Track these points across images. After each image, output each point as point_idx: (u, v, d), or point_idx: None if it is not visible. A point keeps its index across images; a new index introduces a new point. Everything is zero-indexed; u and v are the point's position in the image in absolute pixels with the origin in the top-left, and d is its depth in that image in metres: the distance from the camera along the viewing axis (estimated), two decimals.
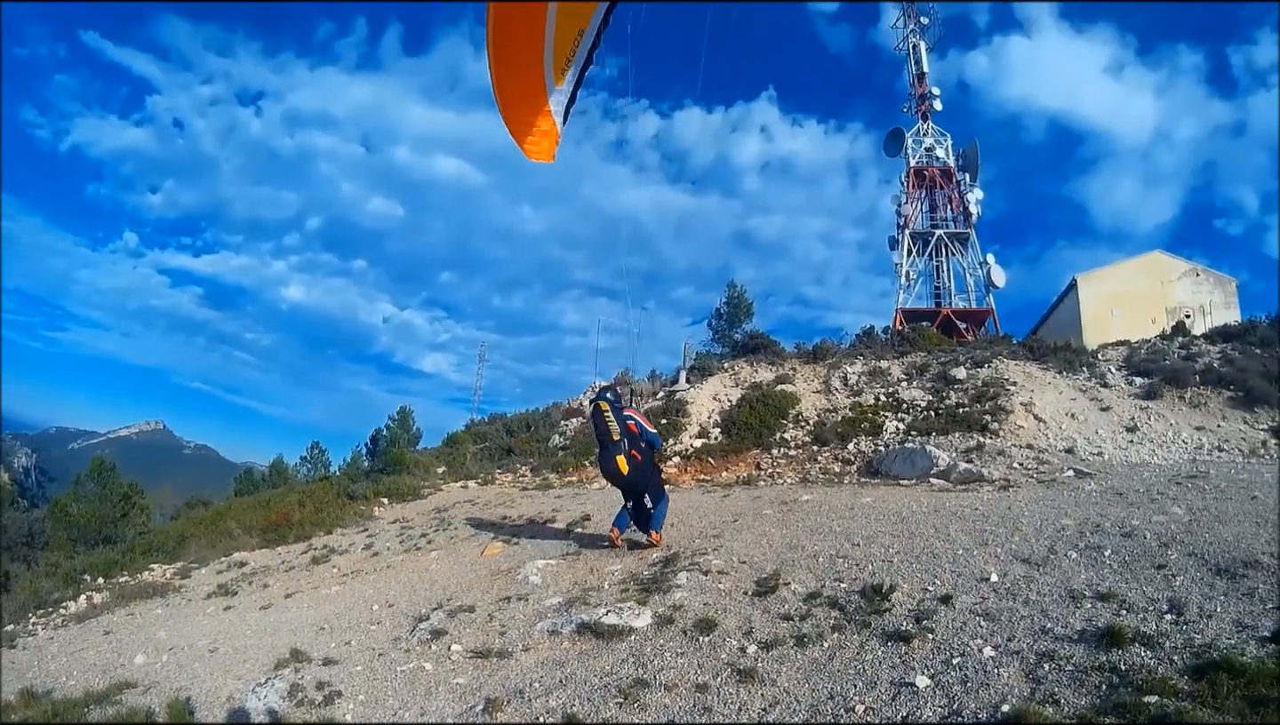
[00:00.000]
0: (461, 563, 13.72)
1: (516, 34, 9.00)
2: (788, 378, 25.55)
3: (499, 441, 30.18)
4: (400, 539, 17.18)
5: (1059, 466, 15.99)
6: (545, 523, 16.15)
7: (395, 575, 13.61)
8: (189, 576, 16.85)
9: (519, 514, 17.70)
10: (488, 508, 19.17)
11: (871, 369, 24.80)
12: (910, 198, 56.28)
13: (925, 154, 56.89)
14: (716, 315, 37.05)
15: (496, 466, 26.80)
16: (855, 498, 14.06)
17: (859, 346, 28.98)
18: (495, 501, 20.25)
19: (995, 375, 21.87)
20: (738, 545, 10.89)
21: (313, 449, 37.39)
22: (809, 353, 27.91)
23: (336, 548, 17.37)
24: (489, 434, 32.19)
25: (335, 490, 23.90)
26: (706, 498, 16.96)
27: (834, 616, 7.48)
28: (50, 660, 10.52)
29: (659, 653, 7.37)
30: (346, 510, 21.31)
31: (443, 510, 20.03)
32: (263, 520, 20.81)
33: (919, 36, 58.89)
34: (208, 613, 13.07)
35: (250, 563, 17.24)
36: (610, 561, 11.51)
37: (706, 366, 29.16)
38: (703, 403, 25.90)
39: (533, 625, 9.01)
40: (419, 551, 15.54)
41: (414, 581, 12.82)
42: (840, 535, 10.56)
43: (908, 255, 54.80)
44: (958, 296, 54.68)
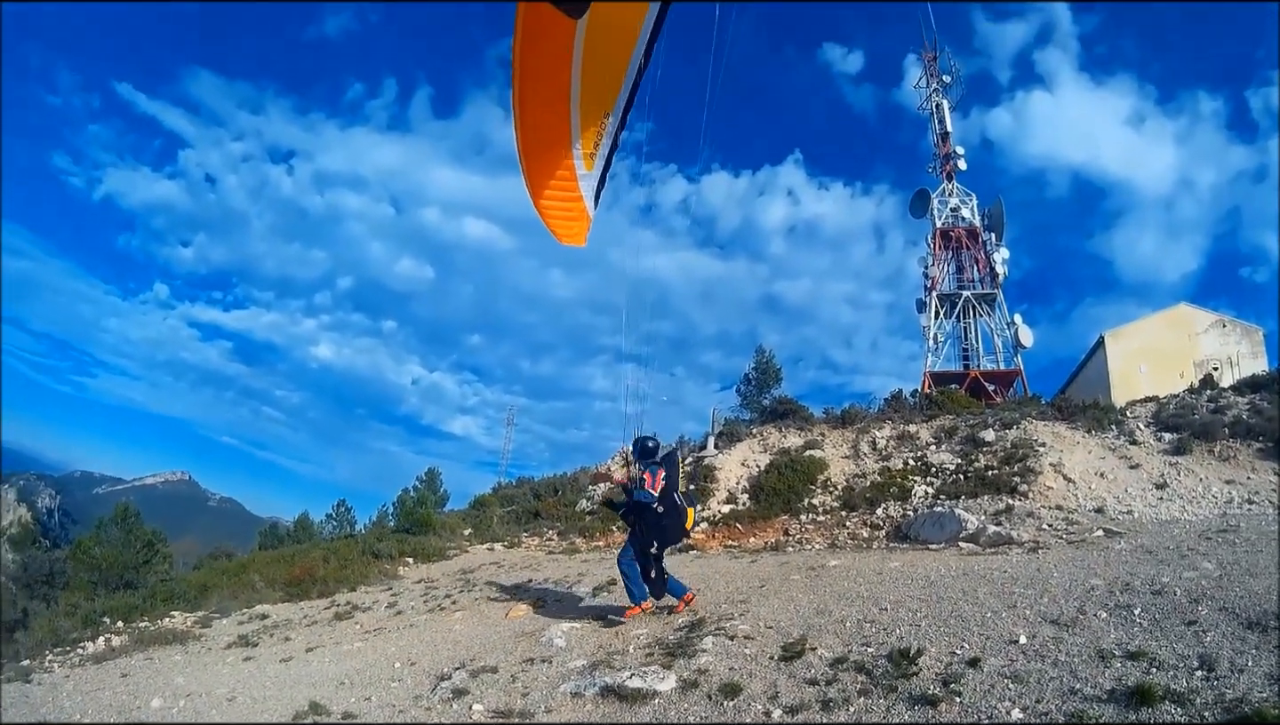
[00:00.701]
0: (486, 624, 13.90)
1: (543, 121, 9.38)
2: (816, 443, 25.67)
3: (526, 505, 30.46)
4: (424, 598, 17.40)
5: (1089, 526, 16.01)
6: (571, 586, 16.30)
7: (418, 634, 13.80)
8: (210, 625, 17.11)
9: (544, 577, 17.88)
10: (513, 570, 19.37)
11: (900, 433, 24.89)
12: (937, 259, 56.37)
13: (951, 214, 57.03)
14: (745, 380, 37.22)
15: (523, 529, 27.08)
16: (883, 563, 14.11)
17: (887, 411, 29.05)
18: (521, 564, 20.46)
19: (1024, 436, 21.91)
20: (765, 610, 10.98)
21: (338, 507, 37.84)
22: (837, 418, 28.01)
23: (360, 604, 17.61)
24: (516, 497, 32.52)
25: (360, 548, 24.21)
26: (734, 563, 17.09)
27: (861, 681, 7.55)
28: (65, 698, 10.81)
29: (683, 716, 7.47)
30: (371, 568, 21.60)
31: (468, 572, 20.25)
32: (286, 574, 21.07)
33: (941, 95, 59.28)
34: (227, 662, 13.31)
35: (272, 615, 17.50)
36: (636, 626, 11.61)
37: (735, 432, 29.32)
38: (731, 468, 26.05)
39: (556, 687, 9.08)
40: (443, 611, 15.74)
41: (437, 641, 12.98)
42: (868, 600, 10.64)
43: (935, 317, 54.81)
44: (985, 358, 54.65)
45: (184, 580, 23.22)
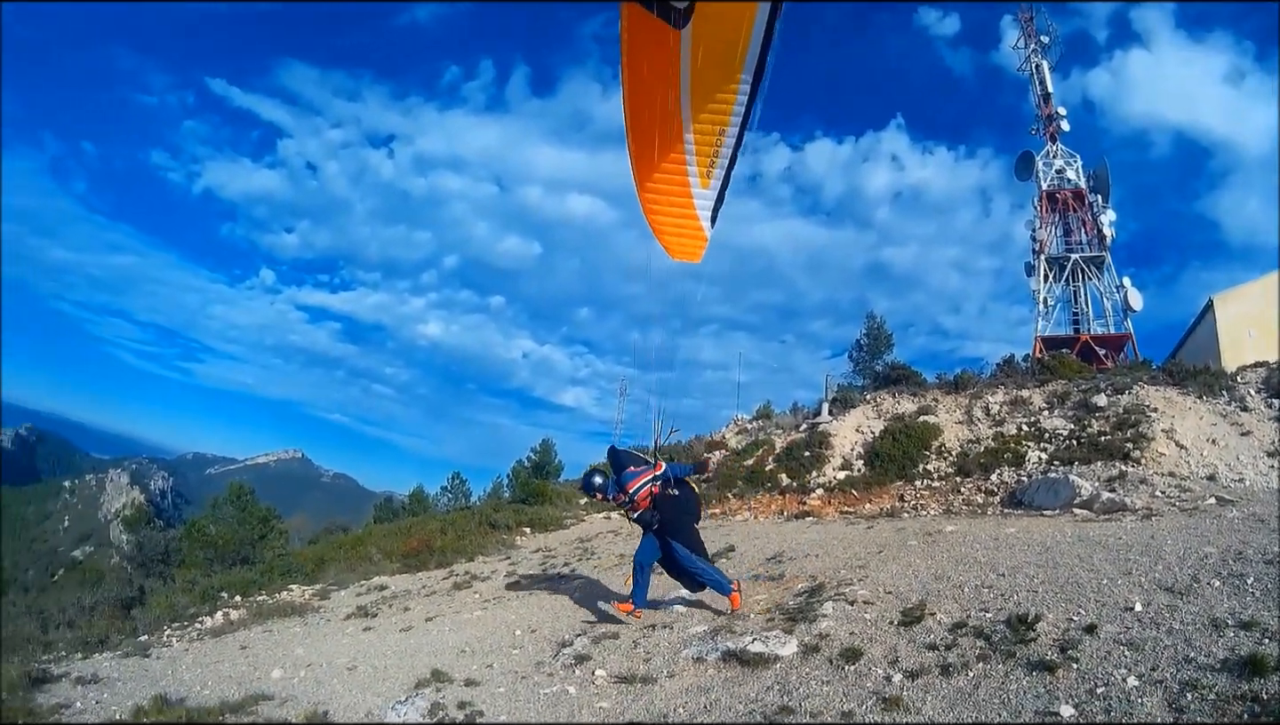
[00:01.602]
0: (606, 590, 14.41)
1: (659, 138, 9.61)
2: (930, 409, 25.71)
3: None
4: (543, 567, 18.06)
5: (1201, 494, 15.89)
6: None
7: (537, 601, 14.37)
8: (328, 598, 17.88)
9: None
10: (631, 538, 19.74)
11: (1013, 398, 24.76)
12: (1044, 222, 55.26)
13: (1056, 176, 55.73)
14: (857, 347, 37.26)
15: None
16: (999, 528, 14.19)
17: (1000, 376, 28.79)
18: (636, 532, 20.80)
19: (1136, 402, 21.66)
20: (883, 576, 11.25)
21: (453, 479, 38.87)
22: (950, 383, 27.87)
23: (478, 574, 18.28)
24: None
25: (477, 519, 24.90)
26: (850, 529, 17.37)
27: (979, 646, 7.78)
28: (185, 670, 11.46)
29: (804, 681, 7.77)
30: (489, 539, 22.32)
31: (585, 540, 20.93)
32: (403, 547, 21.81)
33: (1040, 56, 57.86)
34: (347, 633, 13.98)
35: (390, 587, 18.24)
36: (755, 591, 11.98)
37: (849, 399, 29.42)
38: (845, 435, 26.28)
39: (677, 652, 9.46)
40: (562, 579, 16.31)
41: (556, 608, 13.53)
42: (985, 566, 10.82)
43: (1044, 281, 53.83)
44: (1095, 322, 53.50)
45: (300, 555, 24.19)
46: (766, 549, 15.63)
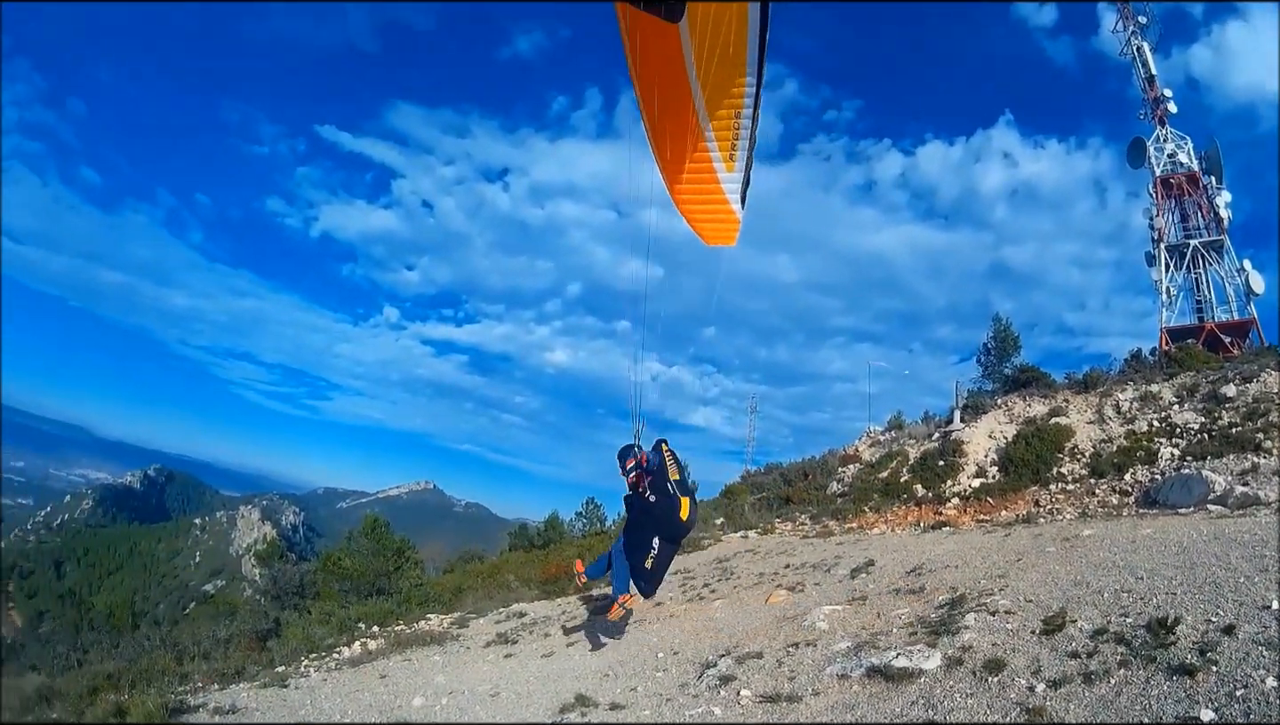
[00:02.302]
0: (746, 610, 14.76)
1: (674, 129, 10.13)
2: (1061, 410, 25.59)
3: (776, 490, 31.46)
4: (683, 589, 18.37)
5: None
6: (829, 569, 16.99)
7: (679, 624, 14.76)
8: (466, 626, 18.48)
9: (801, 562, 18.60)
10: (769, 557, 20.14)
11: (1142, 394, 24.51)
12: (1160, 209, 54.01)
13: (1169, 161, 54.35)
14: (984, 351, 37.01)
15: (775, 516, 28.07)
16: (1135, 530, 14.21)
17: (1128, 372, 28.52)
18: (776, 550, 21.28)
19: (1264, 390, 21.31)
20: (1023, 584, 11.44)
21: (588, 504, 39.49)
22: (1079, 383, 27.68)
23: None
24: (765, 484, 33.55)
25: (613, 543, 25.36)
26: (988, 538, 17.49)
27: (1120, 652, 7.95)
28: (324, 700, 12.11)
29: (949, 694, 8.08)
30: None
31: (724, 560, 21.21)
32: (541, 573, 22.40)
33: (1140, 38, 56.53)
34: (488, 659, 14.53)
35: (530, 613, 18.77)
36: (897, 605, 12.26)
37: (980, 404, 29.41)
38: (978, 441, 26.37)
39: (822, 670, 9.77)
40: (702, 600, 16.73)
41: (699, 629, 13.89)
42: (1123, 569, 10.92)
43: (1165, 270, 52.68)
44: (1219, 308, 52.17)
45: (437, 584, 24.97)
46: (906, 562, 15.87)
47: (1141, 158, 56.14)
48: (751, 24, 9.23)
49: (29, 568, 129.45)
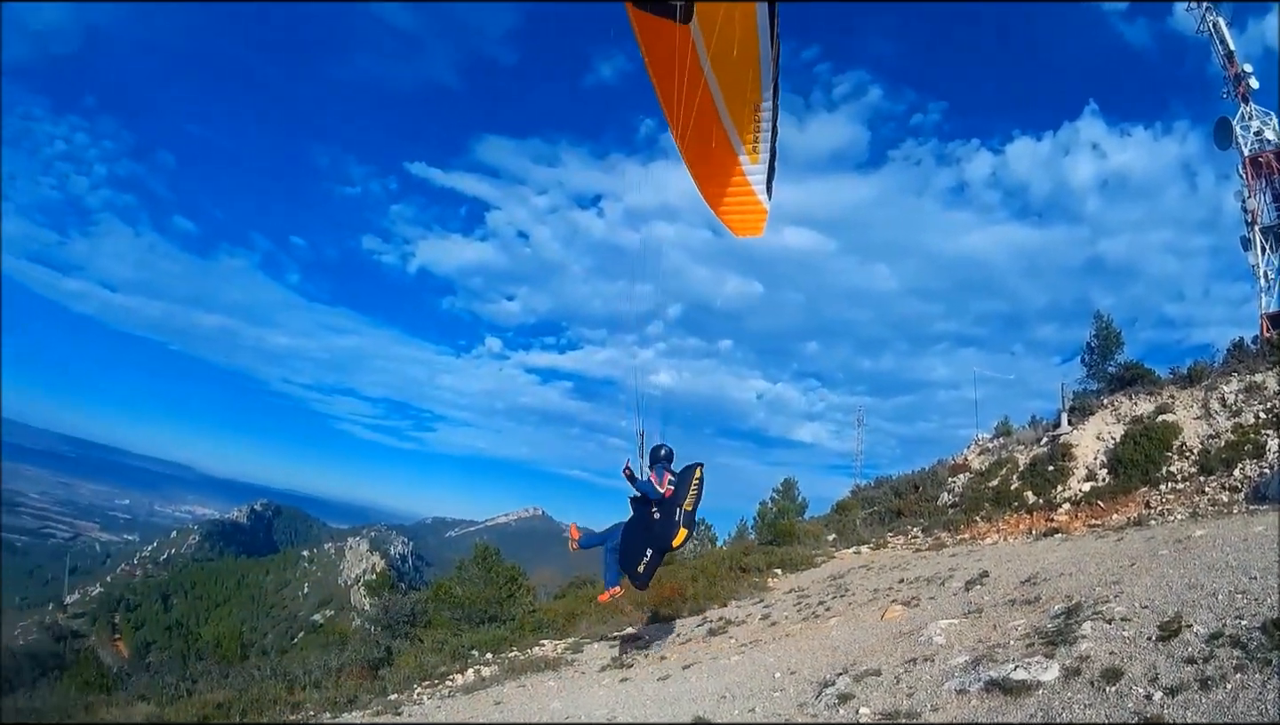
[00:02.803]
0: (862, 627, 14.94)
1: (697, 126, 10.64)
2: (1167, 407, 25.30)
3: (887, 504, 31.58)
4: (797, 607, 18.59)
5: None
6: (943, 582, 17.10)
7: (795, 643, 14.93)
8: (580, 651, 18.89)
9: (915, 575, 18.71)
10: (883, 572, 20.29)
11: (1247, 385, 24.12)
12: (1251, 190, 52.64)
13: (1255, 140, 52.96)
14: (1087, 350, 36.55)
15: (887, 529, 28.21)
16: (1247, 528, 14.12)
17: (1231, 362, 28.11)
18: (889, 565, 21.44)
19: None
20: (1138, 589, 11.46)
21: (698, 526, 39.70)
22: (1184, 377, 27.36)
23: (733, 619, 19.03)
24: (876, 498, 33.66)
25: (727, 564, 25.70)
26: (1100, 543, 17.49)
27: (1236, 656, 8.06)
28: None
29: (1067, 705, 8.25)
30: (740, 583, 23.08)
31: (838, 577, 21.41)
32: (655, 596, 22.64)
33: (1215, 13, 55.26)
34: (603, 684, 14.89)
35: (644, 636, 19.07)
36: (1013, 616, 12.38)
37: (1086, 406, 29.14)
38: (1086, 444, 26.24)
39: (940, 685, 9.96)
40: (817, 619, 16.91)
41: (815, 648, 14.06)
42: (1237, 569, 10.94)
43: (1262, 253, 51.37)
44: None
45: (549, 610, 25.40)
46: (1020, 572, 15.95)
47: (1228, 138, 54.98)
48: (760, 18, 9.89)
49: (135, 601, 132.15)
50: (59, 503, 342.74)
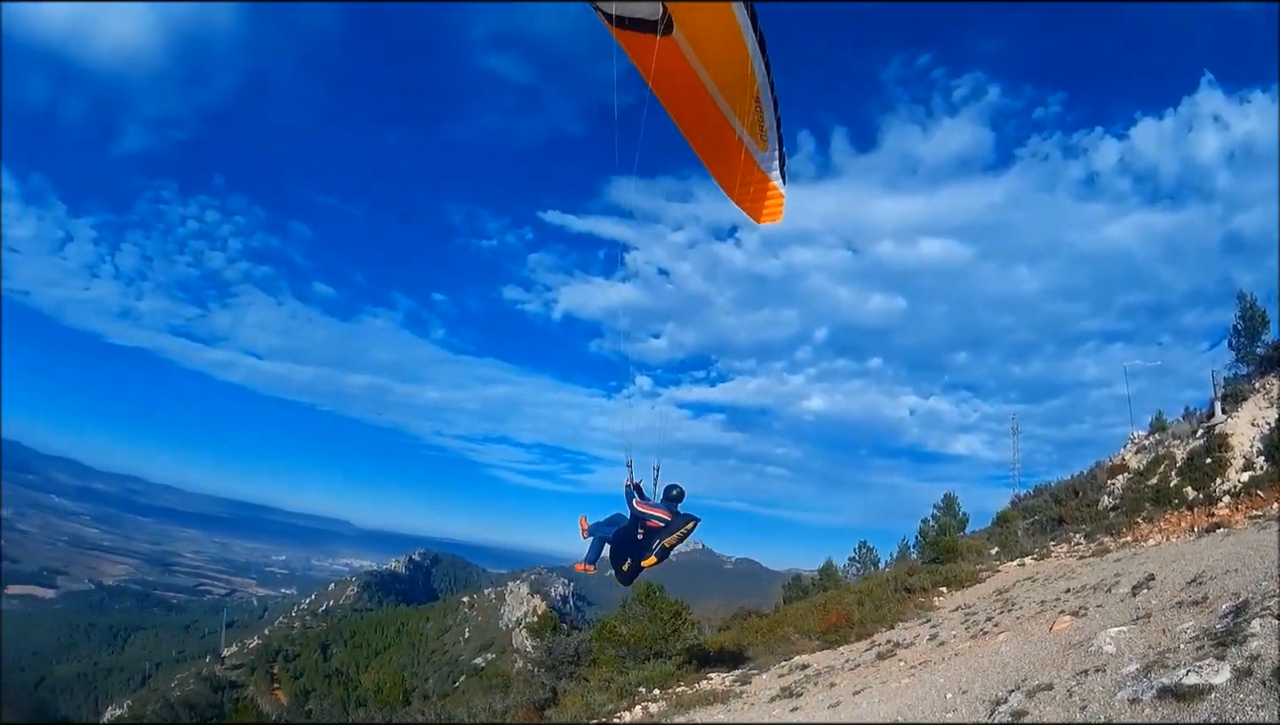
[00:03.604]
0: (1030, 641, 15.06)
1: (703, 125, 11.77)
2: None
3: (1047, 512, 31.49)
4: (965, 625, 18.73)
5: None
6: (1109, 589, 17.01)
7: (964, 662, 15.15)
8: (749, 682, 19.23)
9: (1080, 584, 18.67)
10: (1047, 582, 20.30)
11: None
12: None
13: None
14: (1234, 332, 35.76)
15: (1049, 538, 28.10)
16: None
17: None
18: (1054, 574, 21.41)
19: None
20: None
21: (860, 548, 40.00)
22: None
23: (900, 641, 19.18)
24: (1036, 507, 33.62)
25: (892, 585, 25.87)
26: (1263, 535, 17.39)
27: None
28: None
29: (1240, 708, 8.35)
30: (906, 604, 23.28)
31: (1003, 591, 21.48)
32: (821, 623, 23.00)
33: None
34: (773, 714, 15.29)
35: (812, 664, 19.37)
36: (1182, 618, 12.39)
37: (1238, 392, 28.67)
38: (1242, 432, 25.88)
39: (1113, 696, 10.07)
40: (985, 635, 17.06)
41: (984, 665, 14.25)
42: None
43: None
44: None
45: (714, 643, 25.80)
46: (1185, 572, 15.89)
47: None
48: (739, 12, 10.59)
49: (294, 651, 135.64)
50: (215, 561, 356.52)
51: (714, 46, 10.95)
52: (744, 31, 10.84)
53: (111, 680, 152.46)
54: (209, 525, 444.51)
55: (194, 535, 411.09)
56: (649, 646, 26.75)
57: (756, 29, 10.91)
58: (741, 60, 11.14)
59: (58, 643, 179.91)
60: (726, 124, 11.95)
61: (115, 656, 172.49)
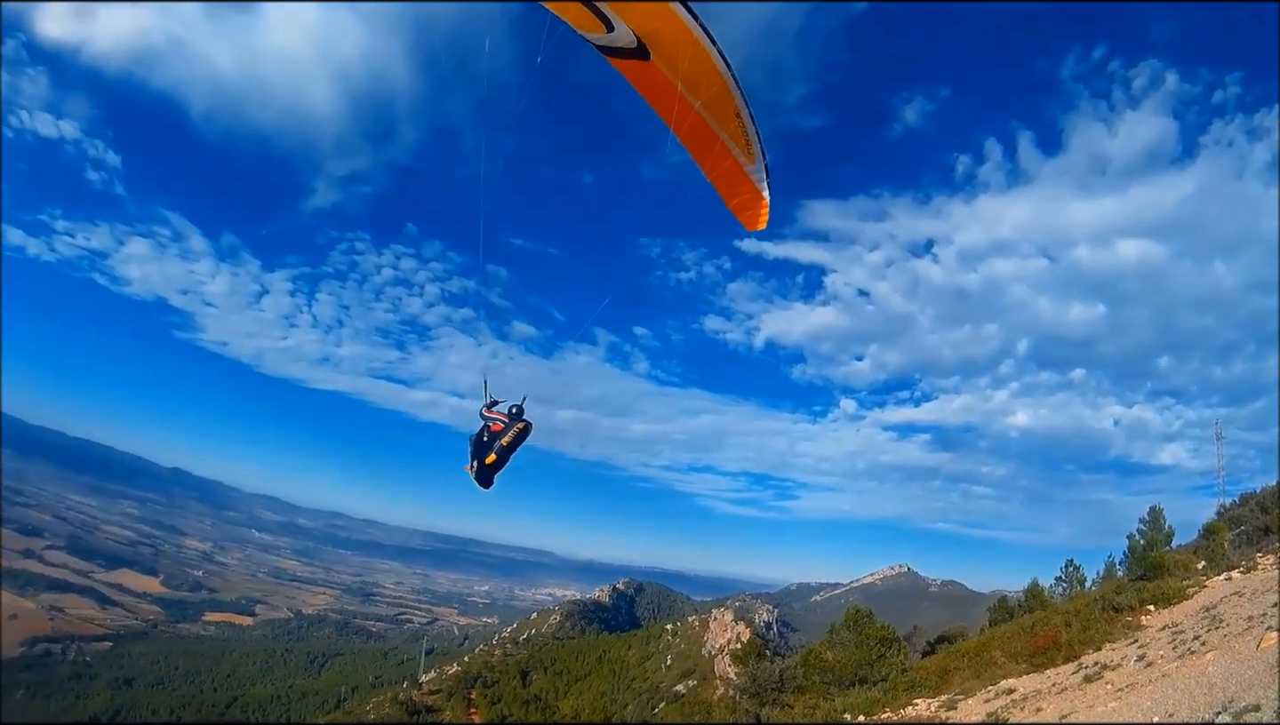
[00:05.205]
0: (1238, 659, 15.11)
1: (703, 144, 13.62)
2: None
3: (1254, 522, 30.87)
4: (1172, 644, 18.71)
5: None
6: None
7: (1171, 683, 15.24)
8: (955, 708, 19.58)
9: None
10: (1255, 596, 20.09)
11: None
12: None
13: None
14: None
15: (1255, 549, 27.54)
16: None
17: None
18: (1261, 588, 21.10)
19: None
20: None
21: (1067, 567, 39.71)
22: None
23: (1107, 663, 19.26)
24: (1242, 516, 32.99)
25: (1100, 605, 25.78)
26: None
27: None
28: None
29: None
30: (1114, 623, 23.20)
31: (1210, 607, 21.27)
32: (1029, 646, 23.08)
33: None
34: None
35: (1019, 689, 19.59)
36: None
37: None
38: None
39: None
40: (1192, 654, 17.06)
41: (1191, 687, 14.40)
42: None
43: None
44: None
45: (921, 668, 26.11)
46: None
47: None
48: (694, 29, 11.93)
49: (493, 678, 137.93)
50: (416, 591, 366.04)
51: (685, 64, 12.30)
52: (705, 45, 12.20)
53: (306, 703, 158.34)
54: (411, 558, 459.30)
55: (396, 567, 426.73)
56: (855, 673, 27.12)
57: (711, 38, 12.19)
58: (713, 74, 12.56)
59: (254, 666, 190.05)
60: (718, 137, 13.61)
61: (311, 680, 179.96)
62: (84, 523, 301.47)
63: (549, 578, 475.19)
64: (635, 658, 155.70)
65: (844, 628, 30.30)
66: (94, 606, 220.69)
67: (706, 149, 13.69)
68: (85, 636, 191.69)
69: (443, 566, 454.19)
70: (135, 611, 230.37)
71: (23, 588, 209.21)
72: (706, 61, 12.30)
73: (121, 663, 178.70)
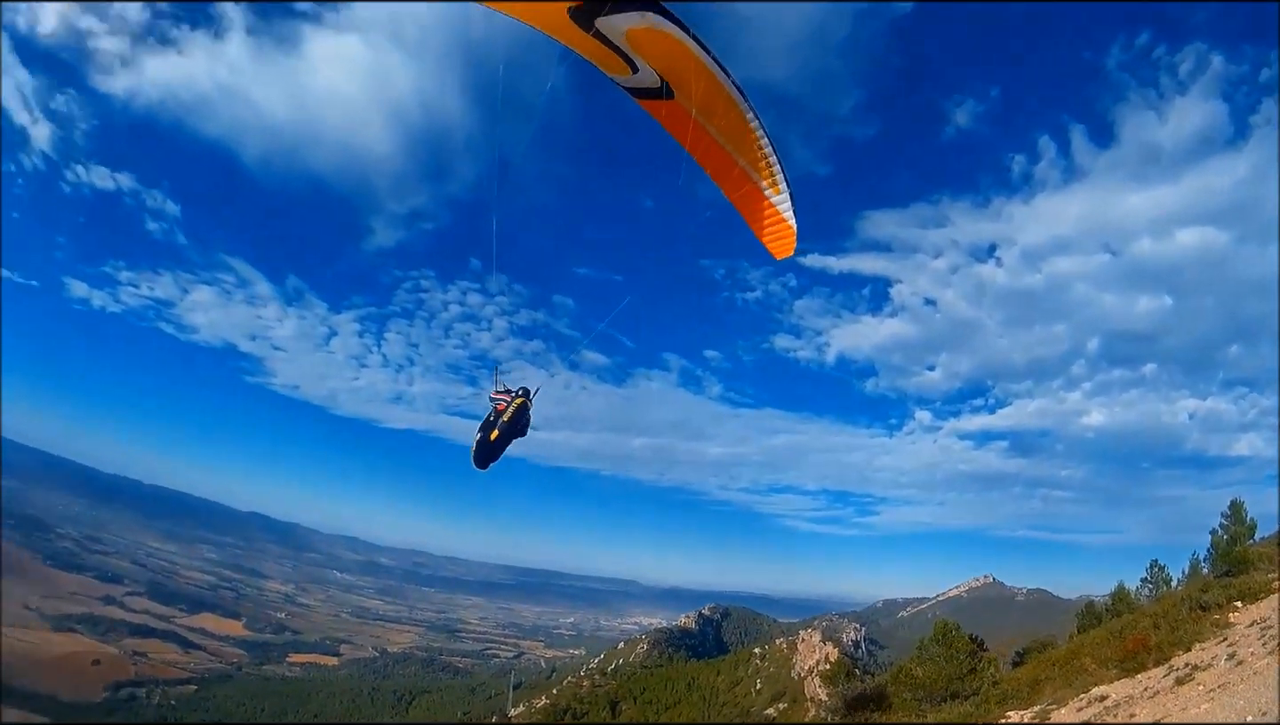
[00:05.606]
0: None
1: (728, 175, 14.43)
2: None
3: None
4: (1261, 640, 18.72)
5: None
6: None
7: (1263, 680, 15.31)
8: (1048, 718, 19.61)
9: None
10: None
11: None
12: None
13: None
14: None
15: None
16: None
17: None
18: None
19: None
20: None
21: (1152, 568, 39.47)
22: None
23: (1198, 664, 19.25)
24: None
25: (1187, 604, 25.71)
26: None
27: None
28: None
29: None
30: (1202, 623, 23.16)
31: None
32: (1118, 651, 23.09)
33: None
34: None
35: (1111, 695, 19.61)
36: None
37: None
38: None
39: None
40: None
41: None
42: None
43: None
44: None
45: (1011, 679, 26.19)
46: None
47: None
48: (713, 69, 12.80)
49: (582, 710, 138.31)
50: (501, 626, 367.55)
51: (707, 101, 13.17)
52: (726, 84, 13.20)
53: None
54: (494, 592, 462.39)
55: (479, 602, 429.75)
56: (945, 687, 27.20)
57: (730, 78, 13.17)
58: (734, 110, 13.54)
59: (341, 705, 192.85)
60: (741, 168, 14.44)
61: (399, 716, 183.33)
62: (163, 568, 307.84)
63: (634, 606, 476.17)
64: (724, 683, 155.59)
65: (933, 643, 30.35)
66: (177, 650, 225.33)
67: (728, 177, 14.57)
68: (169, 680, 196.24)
69: (527, 600, 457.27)
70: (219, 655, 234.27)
71: (104, 634, 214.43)
72: (724, 92, 13.18)
73: (207, 705, 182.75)
